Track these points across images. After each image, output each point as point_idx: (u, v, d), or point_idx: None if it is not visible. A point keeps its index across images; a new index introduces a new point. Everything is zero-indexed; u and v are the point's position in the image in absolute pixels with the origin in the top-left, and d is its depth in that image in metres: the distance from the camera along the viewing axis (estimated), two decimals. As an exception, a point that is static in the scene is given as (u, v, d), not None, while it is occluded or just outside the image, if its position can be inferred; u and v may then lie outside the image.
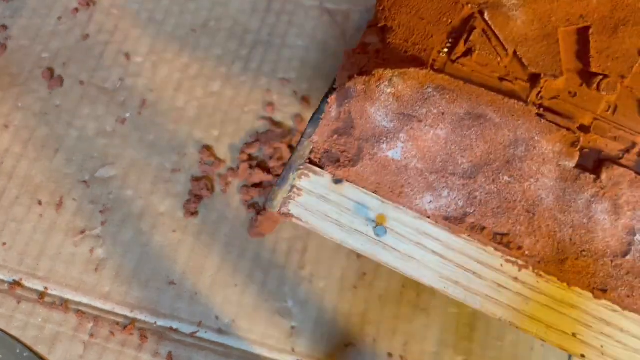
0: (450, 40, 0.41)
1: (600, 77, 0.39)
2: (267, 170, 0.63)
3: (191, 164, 0.63)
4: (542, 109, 0.39)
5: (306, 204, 0.40)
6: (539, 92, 0.40)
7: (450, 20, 0.41)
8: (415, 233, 0.39)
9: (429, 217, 0.39)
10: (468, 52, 0.40)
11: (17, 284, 0.60)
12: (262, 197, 0.62)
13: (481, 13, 0.40)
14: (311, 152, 0.40)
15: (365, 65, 0.40)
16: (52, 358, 0.57)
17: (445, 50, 0.40)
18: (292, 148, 0.63)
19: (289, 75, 0.66)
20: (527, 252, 0.38)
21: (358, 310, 0.59)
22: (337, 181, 0.39)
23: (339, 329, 0.58)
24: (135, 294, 0.59)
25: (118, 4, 0.68)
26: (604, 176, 0.38)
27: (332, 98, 0.40)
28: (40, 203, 0.62)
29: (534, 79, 0.40)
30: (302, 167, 0.40)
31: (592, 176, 0.38)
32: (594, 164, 0.39)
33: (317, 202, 0.39)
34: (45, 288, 0.59)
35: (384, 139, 0.39)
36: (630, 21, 0.39)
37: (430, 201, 0.39)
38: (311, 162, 0.40)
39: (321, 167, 0.40)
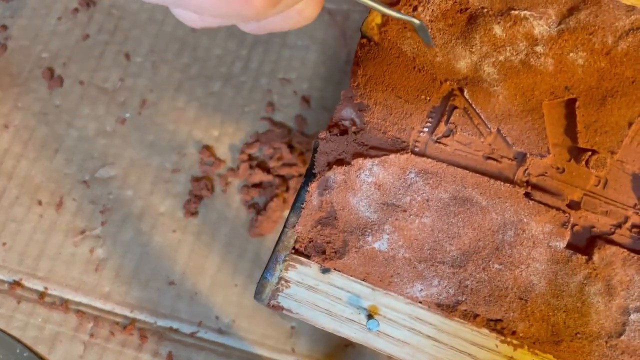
0: (430, 119, 0.39)
1: (589, 153, 0.38)
2: (267, 170, 0.63)
3: (191, 164, 0.63)
4: (529, 187, 0.38)
5: (295, 295, 0.39)
6: (526, 169, 0.38)
7: (428, 98, 0.39)
8: (408, 318, 0.38)
9: (420, 303, 0.38)
10: (449, 132, 0.39)
11: (17, 284, 0.60)
12: (262, 197, 0.62)
13: (461, 90, 0.39)
14: (296, 241, 0.39)
15: (344, 151, 0.38)
16: (52, 358, 0.57)
17: (426, 129, 0.39)
18: (292, 148, 0.63)
19: (289, 75, 0.66)
20: (521, 335, 0.37)
21: (358, 310, 0.59)
22: (325, 270, 0.38)
23: (339, 329, 0.58)
24: (135, 294, 0.59)
25: (118, 4, 0.68)
26: (596, 257, 0.37)
27: (312, 186, 0.38)
28: (40, 203, 0.62)
29: (520, 157, 0.38)
30: (287, 258, 0.39)
31: (584, 257, 0.37)
32: (585, 241, 0.38)
33: (306, 292, 0.39)
34: (45, 288, 0.59)
35: (369, 230, 0.38)
36: (618, 91, 0.37)
37: (421, 289, 0.38)
38: (297, 251, 0.39)
39: (307, 257, 0.39)
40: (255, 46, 0.67)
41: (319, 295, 0.39)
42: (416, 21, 0.36)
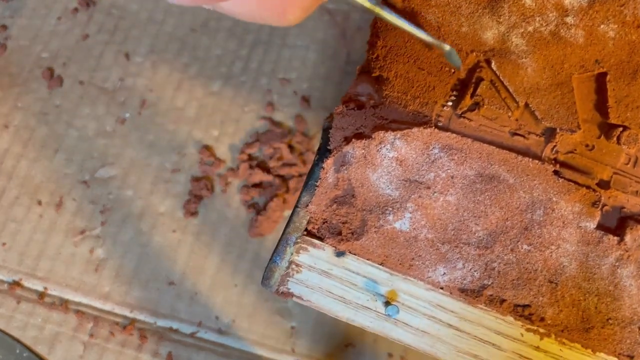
0: (454, 92, 0.37)
1: (620, 128, 0.36)
2: (267, 170, 0.62)
3: (191, 164, 0.63)
4: (558, 165, 0.36)
5: (307, 281, 0.36)
6: (554, 146, 0.37)
7: (453, 70, 0.37)
8: (428, 305, 0.36)
9: (442, 289, 0.36)
10: (475, 106, 0.37)
11: (16, 284, 0.59)
12: (262, 197, 0.62)
13: (488, 62, 0.37)
14: (308, 222, 0.36)
15: (362, 125, 0.36)
16: (52, 358, 0.57)
17: (450, 103, 0.37)
18: (292, 148, 0.63)
19: (289, 75, 0.66)
20: (549, 322, 0.36)
21: (358, 311, 0.59)
22: (340, 254, 0.36)
23: (339, 329, 0.58)
24: (135, 294, 0.59)
25: (118, 4, 0.68)
26: (627, 237, 0.35)
27: (328, 163, 0.36)
28: (40, 203, 0.62)
29: (549, 133, 0.37)
30: (299, 240, 0.36)
31: (616, 238, 0.35)
32: (616, 222, 0.36)
33: (318, 278, 0.36)
34: (45, 288, 0.59)
35: (390, 209, 0.36)
36: None
37: (444, 273, 0.36)
38: (309, 233, 0.36)
39: (320, 239, 0.36)
40: (255, 46, 0.67)
41: (333, 281, 0.36)
42: (446, 46, 0.35)
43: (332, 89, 0.65)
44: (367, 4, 0.32)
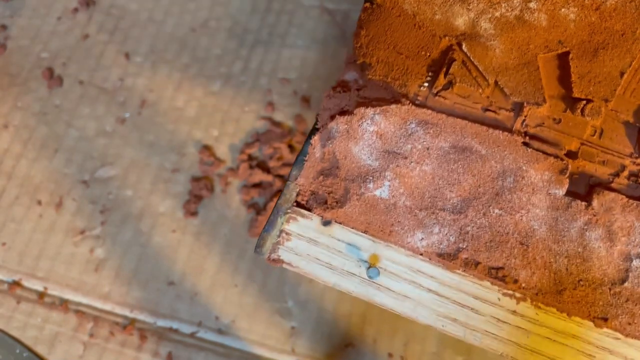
0: (430, 74, 0.40)
1: (584, 102, 0.39)
2: (267, 170, 0.62)
3: (191, 164, 0.63)
4: (527, 137, 0.39)
5: (296, 249, 0.39)
6: (524, 120, 0.39)
7: (428, 54, 0.41)
8: (409, 271, 0.38)
9: (421, 255, 0.38)
10: (449, 85, 0.40)
11: (16, 284, 0.59)
12: (262, 197, 0.62)
13: (459, 45, 0.40)
14: (298, 194, 0.39)
15: (347, 104, 0.40)
16: (52, 358, 0.57)
17: (426, 84, 0.40)
18: (292, 148, 0.63)
19: (289, 75, 0.66)
20: (523, 285, 0.37)
21: (358, 310, 0.59)
22: (326, 223, 0.39)
23: (339, 329, 0.58)
24: (134, 294, 0.59)
25: (118, 4, 0.68)
26: (595, 202, 0.38)
27: (315, 139, 0.39)
28: (39, 203, 0.62)
29: (517, 108, 0.40)
30: (289, 210, 0.39)
31: (584, 203, 0.38)
32: (584, 189, 0.39)
33: (307, 245, 0.39)
34: (45, 288, 0.59)
35: (370, 178, 0.39)
36: (609, 44, 0.39)
37: (422, 238, 0.38)
38: (298, 204, 0.39)
39: (309, 210, 0.39)
40: (255, 46, 0.67)
41: (320, 248, 0.39)
42: None
43: (332, 89, 0.65)
44: None
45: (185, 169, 0.63)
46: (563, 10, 0.39)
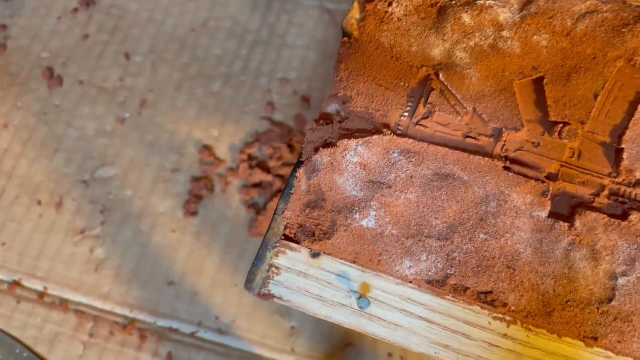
0: (410, 104, 0.41)
1: (561, 125, 0.40)
2: (267, 170, 0.62)
3: (191, 164, 0.63)
4: (508, 162, 0.40)
5: (286, 282, 0.39)
6: (503, 145, 0.40)
7: (407, 84, 0.41)
8: (400, 299, 0.39)
9: (410, 283, 0.39)
10: (429, 114, 0.41)
11: (16, 284, 0.59)
12: (262, 197, 0.62)
13: (437, 74, 0.41)
14: (285, 228, 0.40)
15: (330, 137, 0.41)
16: (52, 358, 0.57)
17: (406, 114, 0.41)
18: (292, 148, 0.63)
19: (289, 75, 0.66)
20: (513, 308, 0.38)
21: (358, 311, 0.59)
22: (315, 255, 0.39)
23: (339, 329, 0.58)
24: (135, 294, 0.59)
25: (118, 4, 0.68)
26: (578, 223, 0.38)
27: (301, 172, 0.40)
28: (40, 203, 0.62)
29: (497, 133, 0.41)
30: (278, 244, 0.40)
31: (567, 224, 0.38)
32: (567, 211, 0.39)
33: (297, 279, 0.39)
34: (45, 288, 0.59)
35: (356, 208, 0.39)
36: (582, 68, 0.40)
37: (410, 266, 0.39)
38: (287, 238, 0.40)
39: (297, 243, 0.39)
40: (255, 46, 0.67)
41: (310, 281, 0.39)
42: None
43: (332, 89, 0.66)
44: None
45: (185, 169, 0.63)
46: (535, 37, 0.40)
